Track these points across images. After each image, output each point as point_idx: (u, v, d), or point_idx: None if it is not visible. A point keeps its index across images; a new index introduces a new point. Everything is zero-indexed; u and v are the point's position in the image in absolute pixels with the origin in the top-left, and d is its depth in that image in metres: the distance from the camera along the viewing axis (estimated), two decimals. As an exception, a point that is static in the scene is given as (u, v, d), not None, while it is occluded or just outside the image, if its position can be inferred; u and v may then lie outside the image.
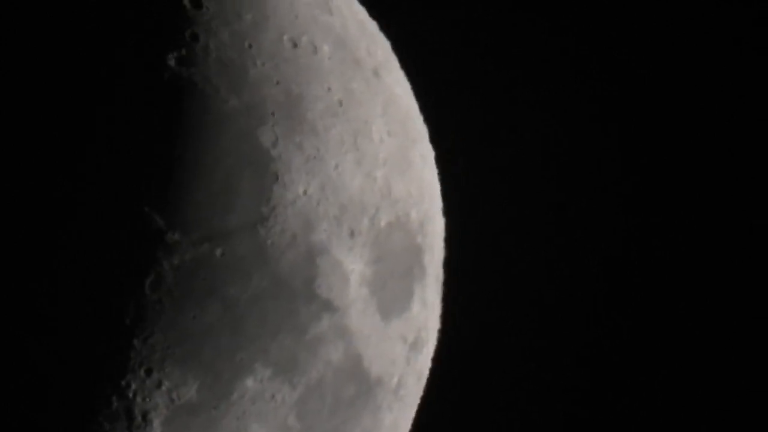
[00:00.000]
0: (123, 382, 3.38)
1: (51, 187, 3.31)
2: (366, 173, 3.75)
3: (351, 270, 3.68)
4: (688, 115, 6.80)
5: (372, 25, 4.12)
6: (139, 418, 3.42)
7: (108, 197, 3.33)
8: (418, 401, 4.24)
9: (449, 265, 4.30)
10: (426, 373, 4.22)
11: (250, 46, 3.60)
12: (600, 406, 6.71)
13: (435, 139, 4.25)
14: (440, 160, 4.26)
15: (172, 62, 3.47)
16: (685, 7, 6.73)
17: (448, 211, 4.29)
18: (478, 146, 6.51)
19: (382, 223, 3.79)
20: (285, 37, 3.68)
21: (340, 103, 3.72)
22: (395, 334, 3.89)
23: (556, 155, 6.70)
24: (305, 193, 3.57)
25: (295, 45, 3.69)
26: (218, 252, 3.42)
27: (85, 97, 3.37)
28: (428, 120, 4.25)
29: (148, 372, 3.40)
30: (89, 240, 3.31)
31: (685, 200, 6.80)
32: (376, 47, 4.02)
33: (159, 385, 3.41)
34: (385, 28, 4.17)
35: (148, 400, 3.42)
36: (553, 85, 6.68)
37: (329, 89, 3.70)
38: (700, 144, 6.80)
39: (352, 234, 3.68)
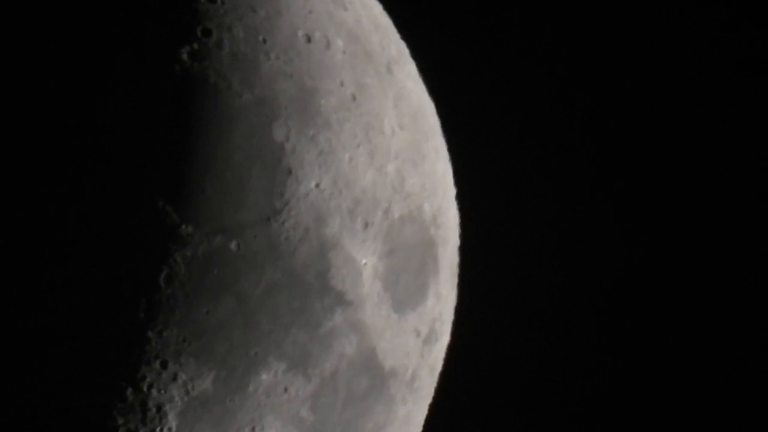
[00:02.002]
0: (138, 375, 3.40)
1: (63, 181, 3.32)
2: (378, 166, 3.75)
3: (364, 263, 3.68)
4: (691, 117, 6.79)
5: (386, 20, 4.11)
6: (154, 410, 3.44)
7: (121, 191, 3.35)
8: (431, 394, 4.24)
9: (462, 258, 4.30)
10: (440, 366, 4.22)
11: (264, 40, 3.60)
12: (608, 399, 6.71)
13: (448, 133, 4.25)
14: (453, 154, 4.26)
15: (184, 56, 3.47)
16: (688, 7, 6.72)
17: (460, 206, 4.29)
18: (490, 141, 6.50)
19: (395, 216, 3.79)
20: (299, 32, 3.69)
21: (353, 97, 3.72)
22: (409, 328, 3.90)
23: (567, 151, 6.69)
24: (318, 186, 3.58)
25: (308, 39, 3.69)
26: (231, 246, 3.43)
27: (96, 91, 3.38)
28: (441, 114, 4.24)
29: (164, 364, 3.41)
30: (103, 233, 3.33)
31: (687, 201, 6.79)
32: (390, 42, 4.02)
33: (175, 377, 3.42)
34: (400, 22, 4.17)
35: (163, 392, 3.43)
36: (567, 79, 6.66)
37: (342, 83, 3.70)
38: (704, 146, 6.79)
39: (365, 227, 3.69)
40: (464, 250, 4.30)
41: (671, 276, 6.75)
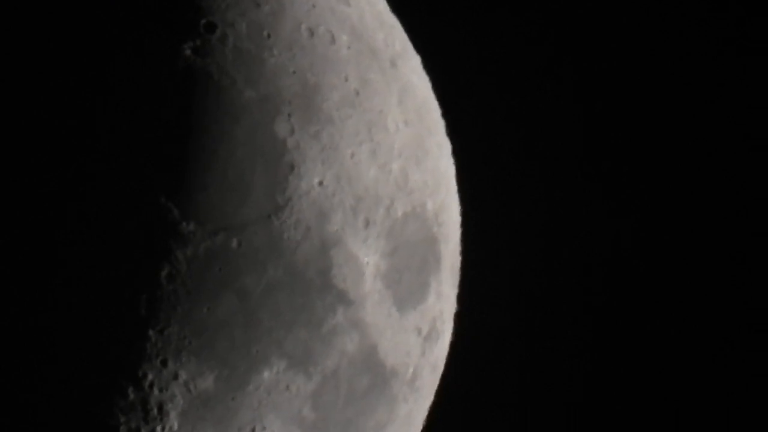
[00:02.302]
0: (139, 373, 3.38)
1: (64, 180, 3.31)
2: (382, 163, 3.73)
3: (366, 261, 3.67)
4: (691, 116, 6.80)
5: (390, 16, 4.10)
6: (155, 410, 3.42)
7: (122, 188, 3.33)
8: (433, 393, 4.23)
9: (463, 256, 4.29)
10: (441, 364, 4.22)
11: (268, 35, 3.58)
12: (607, 398, 6.72)
13: (451, 130, 4.24)
14: (456, 151, 4.25)
15: (187, 52, 3.45)
16: (687, 7, 6.74)
17: (463, 202, 4.28)
18: (494, 137, 6.50)
19: (398, 214, 3.78)
20: (302, 27, 3.67)
21: (357, 93, 3.70)
22: (410, 326, 3.89)
23: (568, 151, 6.69)
24: (321, 183, 3.56)
25: (312, 35, 3.68)
26: (233, 243, 3.42)
27: (97, 89, 3.36)
28: (445, 110, 4.23)
29: (164, 363, 3.39)
30: (104, 231, 3.31)
31: (686, 201, 6.80)
32: (394, 38, 4.00)
33: (176, 376, 3.40)
34: (404, 18, 4.16)
35: (164, 391, 3.41)
36: (569, 78, 6.67)
37: (346, 79, 3.69)
38: (704, 146, 6.80)
39: (367, 224, 3.67)
40: (465, 247, 4.29)
41: (670, 276, 6.76)
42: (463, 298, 4.31)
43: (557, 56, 6.65)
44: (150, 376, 3.39)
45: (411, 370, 3.96)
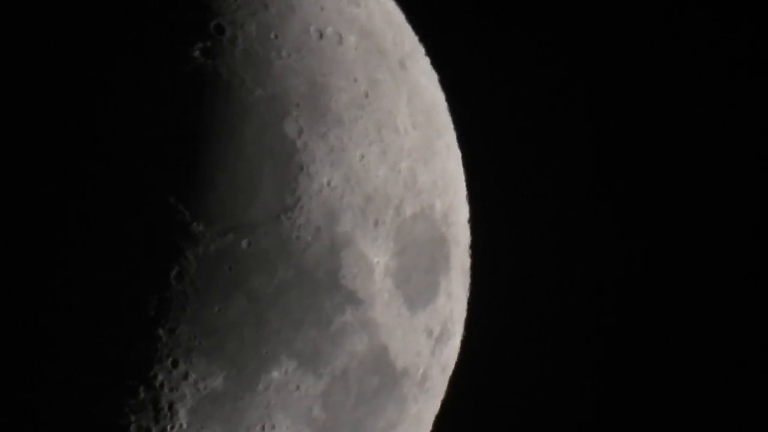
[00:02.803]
0: (150, 373, 3.38)
1: (76, 178, 3.31)
2: (391, 164, 3.74)
3: (375, 261, 3.67)
4: (692, 117, 6.80)
5: (399, 16, 4.10)
6: (166, 408, 3.42)
7: (132, 188, 3.33)
8: (443, 393, 4.23)
9: (474, 258, 4.29)
10: (451, 365, 4.22)
11: (276, 36, 3.59)
12: (614, 399, 6.72)
13: (460, 131, 4.24)
14: (465, 151, 4.25)
15: (197, 53, 3.46)
16: (688, 7, 6.74)
17: (472, 203, 4.28)
18: (503, 138, 6.50)
19: (407, 214, 3.79)
20: (311, 28, 3.68)
21: (366, 94, 3.71)
22: (420, 326, 3.89)
23: (575, 151, 6.69)
24: (330, 184, 3.56)
25: (320, 36, 3.68)
26: (243, 243, 3.42)
27: (109, 88, 3.36)
28: (454, 111, 4.24)
29: (175, 363, 3.39)
30: (114, 231, 3.31)
31: (689, 201, 6.80)
32: (403, 38, 4.01)
33: (186, 376, 3.41)
34: (414, 18, 4.16)
35: (175, 390, 3.41)
36: (577, 79, 6.67)
37: (354, 80, 3.69)
38: (704, 146, 6.81)
39: (376, 225, 3.68)
40: (475, 248, 4.29)
41: (677, 276, 6.76)
42: (474, 299, 4.31)
43: (568, 57, 6.66)
44: (160, 376, 3.39)
45: (421, 370, 3.96)
